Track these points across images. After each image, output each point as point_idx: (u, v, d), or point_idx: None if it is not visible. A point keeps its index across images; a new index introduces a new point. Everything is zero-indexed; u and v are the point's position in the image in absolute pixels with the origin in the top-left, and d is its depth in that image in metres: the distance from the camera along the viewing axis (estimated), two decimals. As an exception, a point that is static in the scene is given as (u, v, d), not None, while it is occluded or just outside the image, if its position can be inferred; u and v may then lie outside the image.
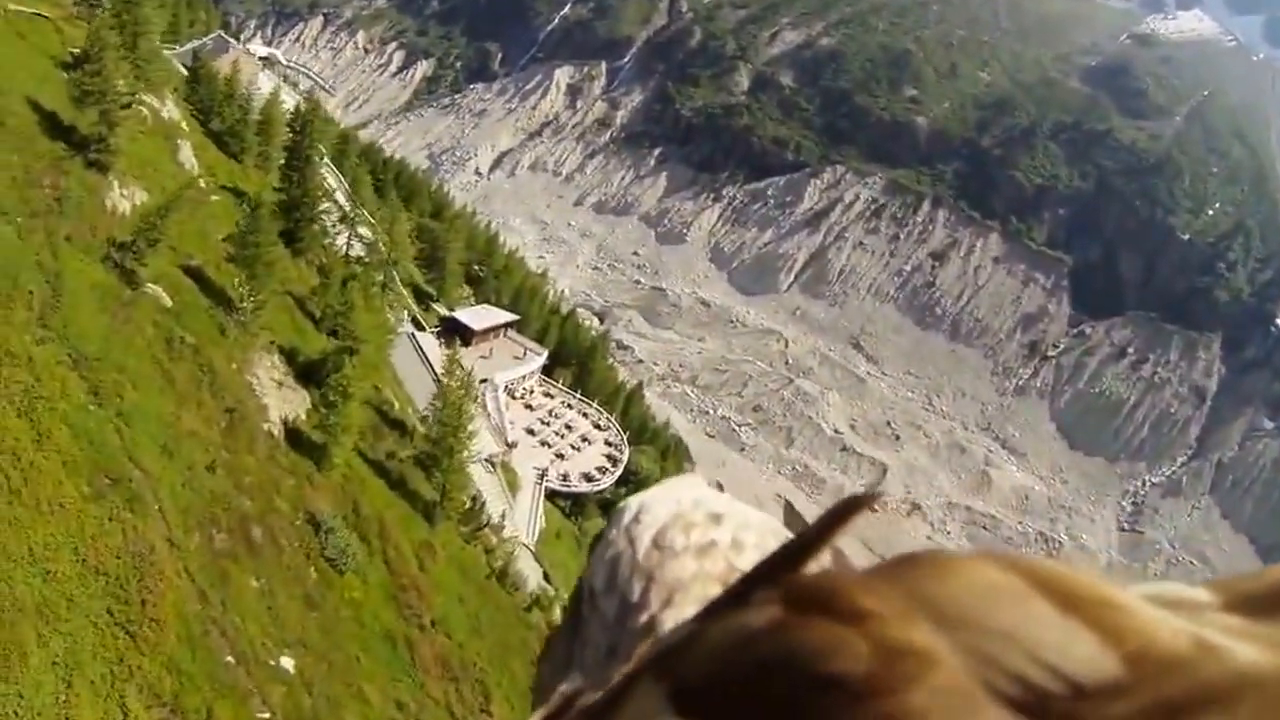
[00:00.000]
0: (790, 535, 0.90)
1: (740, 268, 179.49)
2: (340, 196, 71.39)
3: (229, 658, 25.68)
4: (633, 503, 1.01)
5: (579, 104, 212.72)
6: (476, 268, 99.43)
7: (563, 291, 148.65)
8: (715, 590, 0.81)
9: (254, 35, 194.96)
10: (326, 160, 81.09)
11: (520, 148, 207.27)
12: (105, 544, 24.25)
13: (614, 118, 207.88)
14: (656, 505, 0.98)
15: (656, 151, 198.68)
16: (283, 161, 56.85)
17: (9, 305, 28.01)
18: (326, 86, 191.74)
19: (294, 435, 38.39)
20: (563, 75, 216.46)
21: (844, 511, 0.53)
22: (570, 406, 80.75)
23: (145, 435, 28.59)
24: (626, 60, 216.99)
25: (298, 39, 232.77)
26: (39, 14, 47.04)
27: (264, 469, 34.03)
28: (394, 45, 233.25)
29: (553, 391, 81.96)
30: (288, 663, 27.59)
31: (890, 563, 0.50)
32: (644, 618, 0.84)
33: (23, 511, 22.95)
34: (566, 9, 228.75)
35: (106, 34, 37.91)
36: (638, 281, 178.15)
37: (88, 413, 27.27)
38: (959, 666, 0.43)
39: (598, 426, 80.00)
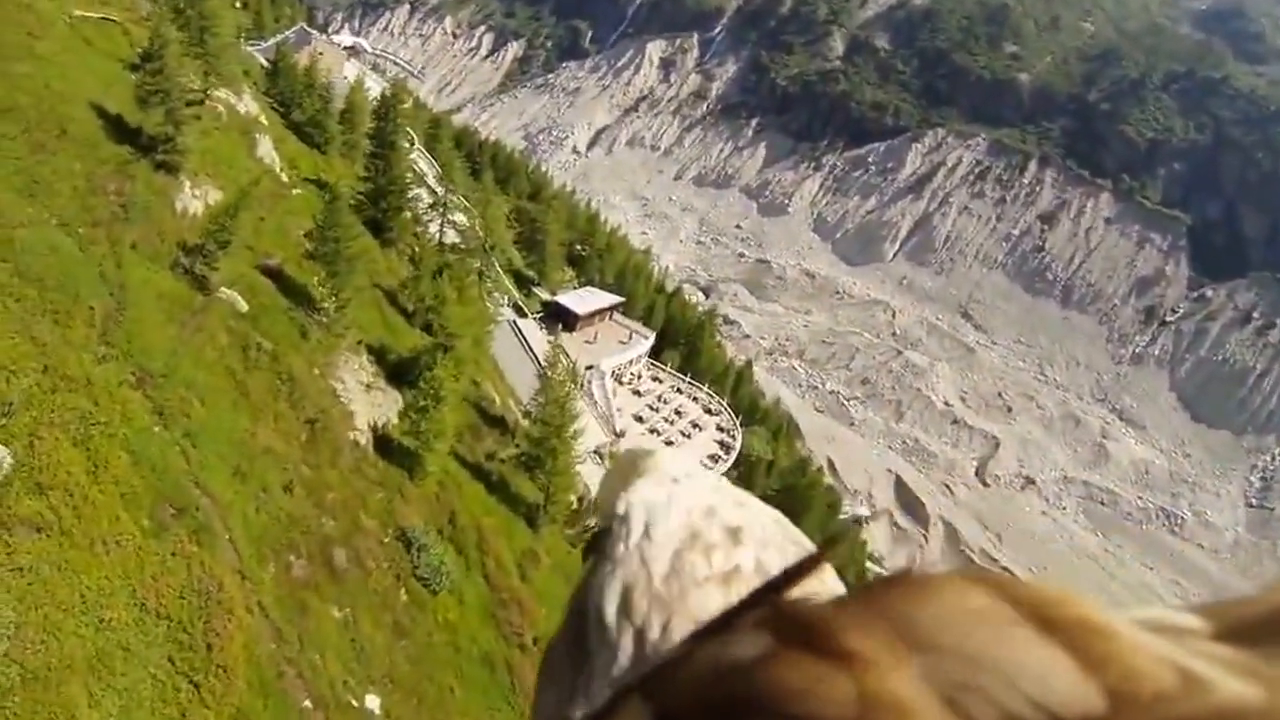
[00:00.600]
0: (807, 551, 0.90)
1: (844, 237, 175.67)
2: (433, 182, 69.18)
3: (306, 702, 23.17)
4: (636, 510, 0.93)
5: (673, 77, 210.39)
6: (579, 248, 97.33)
7: (667, 268, 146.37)
8: None
9: (341, 27, 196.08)
10: (418, 146, 79.24)
11: (617, 124, 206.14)
12: (167, 583, 21.87)
13: (709, 90, 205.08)
14: (664, 515, 0.91)
15: (754, 122, 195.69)
16: (368, 150, 54.75)
17: (68, 323, 25.82)
18: (414, 71, 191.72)
19: (384, 443, 35.85)
20: (655, 49, 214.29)
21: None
22: (680, 391, 77.52)
23: (214, 457, 26.19)
24: (718, 31, 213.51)
25: (385, 28, 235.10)
26: (107, 18, 45.22)
27: (349, 483, 31.52)
28: (482, 28, 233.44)
29: (661, 375, 78.81)
30: (373, 702, 25.01)
31: (877, 587, 0.49)
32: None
33: (75, 554, 20.64)
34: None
35: (168, 30, 35.66)
36: (741, 255, 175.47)
37: (151, 436, 24.93)
38: (936, 715, 0.42)
39: (709, 411, 76.62)
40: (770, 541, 0.89)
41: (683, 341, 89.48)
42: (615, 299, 79.17)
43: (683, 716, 0.47)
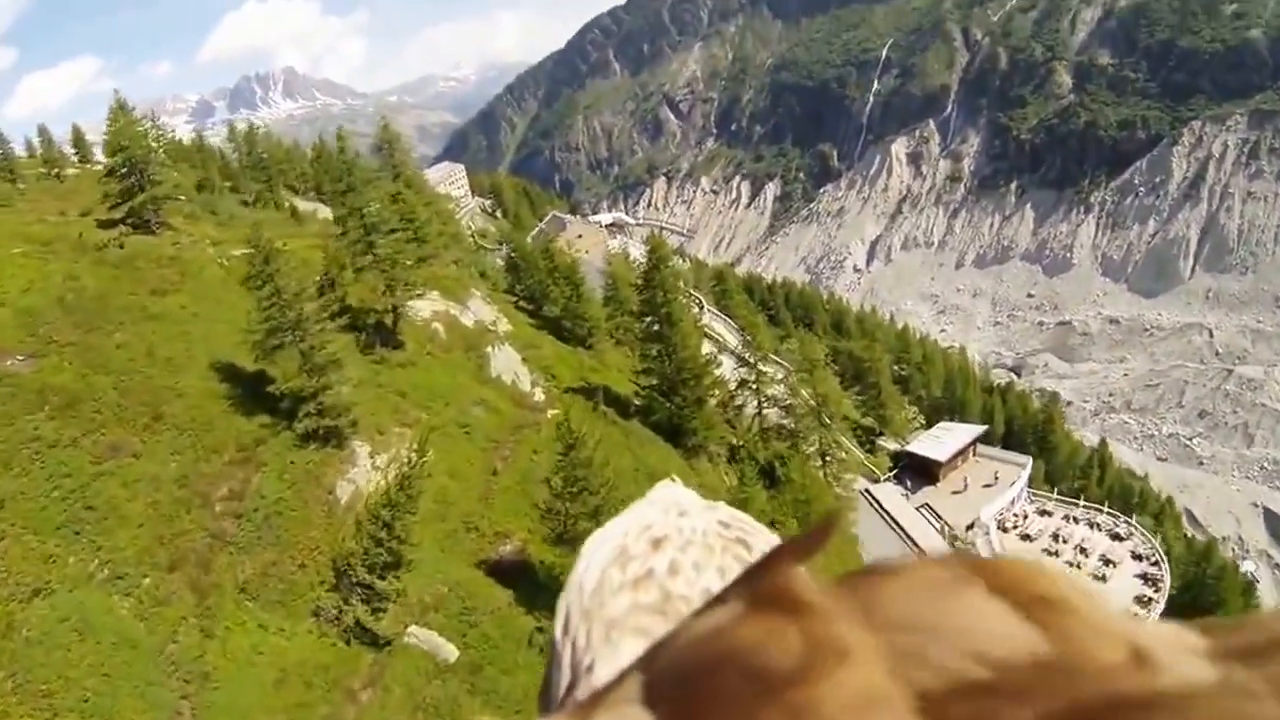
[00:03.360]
0: (733, 540, 0.93)
1: (1135, 270, 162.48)
2: (736, 346, 54.31)
3: None
4: (592, 540, 0.97)
5: (924, 169, 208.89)
6: (896, 367, 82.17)
7: (974, 358, 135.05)
8: (650, 620, 0.81)
9: (609, 211, 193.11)
10: (709, 310, 65.73)
11: (887, 231, 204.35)
12: None
13: (961, 169, 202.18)
14: (604, 542, 0.95)
15: (1013, 186, 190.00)
16: (641, 332, 40.39)
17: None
18: (683, 232, 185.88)
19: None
20: (899, 148, 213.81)
21: (826, 527, 0.52)
22: (1075, 520, 56.71)
23: None
24: (949, 110, 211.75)
25: (649, 204, 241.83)
26: (271, 248, 33.03)
27: None
28: (737, 179, 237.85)
29: (1048, 506, 58.28)
30: None
31: (854, 572, 0.49)
32: (589, 659, 0.81)
33: None
34: (875, 85, 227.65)
35: (265, 244, 21.74)
36: (1040, 323, 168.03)
37: None
38: (876, 659, 0.41)
39: (1116, 537, 54.94)
40: (694, 543, 0.91)
41: (1031, 441, 72.83)
42: (975, 429, 61.56)
43: (665, 679, 0.48)
